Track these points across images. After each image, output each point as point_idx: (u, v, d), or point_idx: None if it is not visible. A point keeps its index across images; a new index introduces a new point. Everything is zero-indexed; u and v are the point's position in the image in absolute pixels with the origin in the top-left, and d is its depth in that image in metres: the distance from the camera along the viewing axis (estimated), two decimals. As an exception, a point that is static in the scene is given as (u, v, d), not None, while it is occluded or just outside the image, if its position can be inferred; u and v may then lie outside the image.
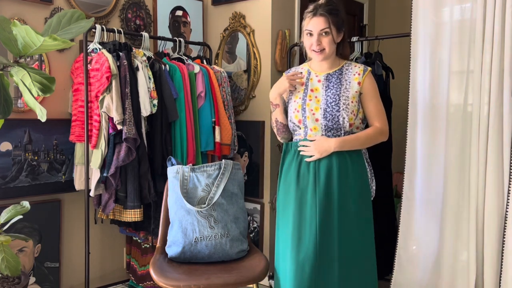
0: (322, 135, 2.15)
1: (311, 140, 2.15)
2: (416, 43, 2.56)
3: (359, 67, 2.23)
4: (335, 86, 2.18)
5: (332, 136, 2.15)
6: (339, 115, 2.13)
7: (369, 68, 2.24)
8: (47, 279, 2.87)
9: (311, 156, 2.13)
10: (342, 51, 2.26)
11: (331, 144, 2.10)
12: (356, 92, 2.18)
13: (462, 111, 2.42)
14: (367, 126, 2.27)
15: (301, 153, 2.16)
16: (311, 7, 2.18)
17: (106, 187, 2.74)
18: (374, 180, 2.30)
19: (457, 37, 2.42)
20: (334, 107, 2.14)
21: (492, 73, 2.27)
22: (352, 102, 2.16)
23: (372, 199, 2.27)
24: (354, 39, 3.06)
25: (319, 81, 2.23)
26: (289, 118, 2.27)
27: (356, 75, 2.20)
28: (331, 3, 2.18)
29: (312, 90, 2.22)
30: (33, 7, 2.75)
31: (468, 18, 2.38)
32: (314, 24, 2.14)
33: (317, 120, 2.16)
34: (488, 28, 2.28)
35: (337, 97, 2.15)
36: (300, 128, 2.22)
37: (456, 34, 2.42)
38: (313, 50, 2.17)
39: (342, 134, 2.15)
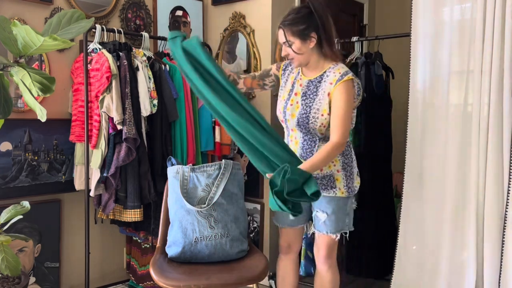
0: (302, 137, 2.20)
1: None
2: (416, 43, 2.56)
3: (335, 75, 2.11)
4: (310, 96, 2.16)
5: (309, 139, 2.19)
6: (309, 127, 2.15)
7: (346, 78, 2.08)
8: (47, 279, 2.87)
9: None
10: (325, 53, 2.14)
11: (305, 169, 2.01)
12: (327, 104, 2.11)
13: (462, 111, 2.42)
14: None
15: None
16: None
17: (106, 187, 2.74)
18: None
19: (457, 37, 2.42)
20: (304, 119, 2.15)
21: (492, 73, 2.27)
22: (322, 115, 2.12)
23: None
24: (354, 39, 3.06)
25: (301, 85, 2.22)
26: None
27: (329, 85, 2.11)
28: (295, 11, 2.13)
29: (296, 94, 2.22)
30: (33, 7, 2.75)
31: (468, 18, 2.38)
32: (278, 36, 2.17)
33: (294, 126, 2.21)
34: (488, 28, 2.28)
35: (308, 109, 2.14)
36: (284, 125, 2.29)
37: (456, 34, 2.42)
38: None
39: (318, 140, 2.17)
